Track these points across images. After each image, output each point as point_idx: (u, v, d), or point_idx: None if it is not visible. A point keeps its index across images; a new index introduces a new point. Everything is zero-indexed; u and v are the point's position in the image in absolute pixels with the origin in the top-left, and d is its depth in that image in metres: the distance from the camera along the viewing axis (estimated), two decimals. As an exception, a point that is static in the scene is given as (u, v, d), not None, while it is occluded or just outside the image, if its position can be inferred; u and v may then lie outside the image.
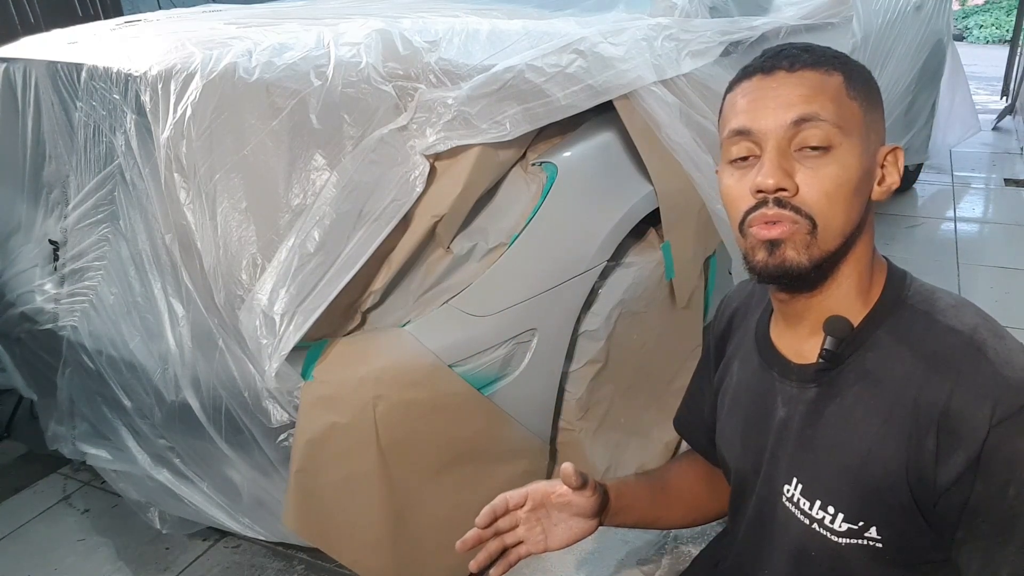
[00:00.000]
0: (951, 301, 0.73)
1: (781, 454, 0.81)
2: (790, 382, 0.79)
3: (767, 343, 0.83)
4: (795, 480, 0.79)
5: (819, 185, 0.69)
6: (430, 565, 1.44)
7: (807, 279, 0.72)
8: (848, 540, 0.74)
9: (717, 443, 0.95)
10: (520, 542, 0.83)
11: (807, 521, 0.77)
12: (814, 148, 0.69)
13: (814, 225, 0.69)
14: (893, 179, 0.74)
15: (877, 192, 0.73)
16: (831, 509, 0.75)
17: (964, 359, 0.67)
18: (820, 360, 0.74)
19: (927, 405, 0.67)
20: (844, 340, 0.73)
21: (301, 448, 1.25)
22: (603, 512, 0.88)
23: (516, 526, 0.83)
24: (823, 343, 0.73)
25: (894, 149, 0.74)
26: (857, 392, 0.73)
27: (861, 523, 0.73)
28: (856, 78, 0.72)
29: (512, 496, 0.82)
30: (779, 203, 0.69)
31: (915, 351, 0.70)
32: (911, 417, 0.68)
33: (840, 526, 0.74)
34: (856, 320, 0.74)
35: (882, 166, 0.74)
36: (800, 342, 0.79)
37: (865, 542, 0.73)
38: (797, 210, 0.69)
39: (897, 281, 0.76)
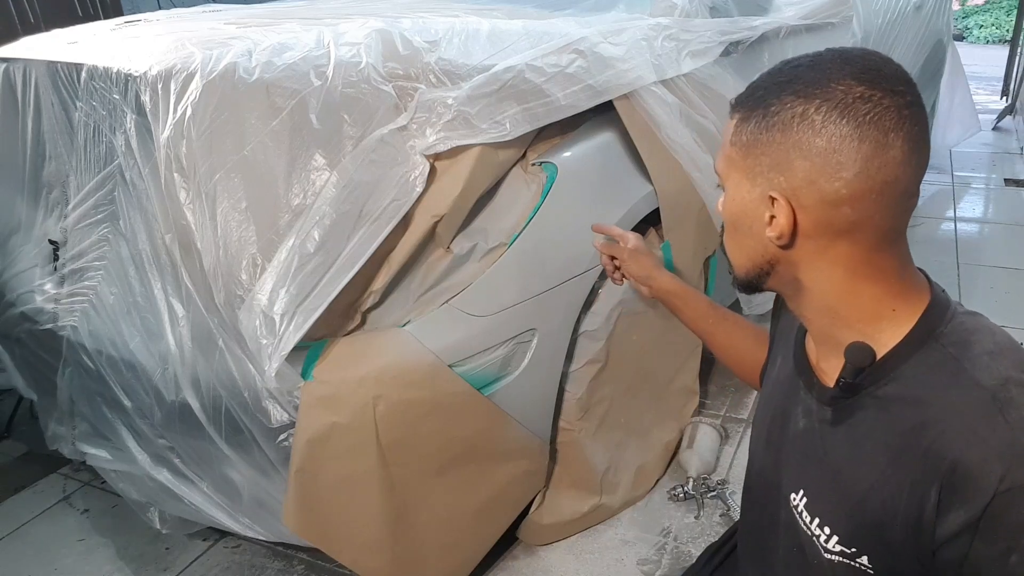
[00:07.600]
0: (989, 347, 0.68)
1: (794, 462, 0.81)
2: (812, 396, 0.79)
3: (801, 348, 0.84)
4: (802, 492, 0.79)
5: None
6: (429, 565, 1.44)
7: (749, 288, 0.77)
8: (840, 559, 0.75)
9: (752, 423, 0.96)
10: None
11: (808, 532, 0.78)
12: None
13: None
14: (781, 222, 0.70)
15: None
16: (827, 530, 0.75)
17: (982, 418, 0.64)
18: (837, 387, 0.73)
19: (936, 456, 0.65)
20: (863, 371, 0.71)
21: (301, 448, 1.25)
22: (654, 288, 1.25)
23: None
24: (842, 370, 0.72)
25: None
26: (870, 424, 0.72)
27: (854, 549, 0.73)
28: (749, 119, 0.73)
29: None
30: None
31: (935, 399, 0.67)
32: (919, 465, 0.66)
33: (834, 547, 0.75)
34: (881, 348, 0.71)
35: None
36: (822, 357, 0.79)
37: (857, 565, 0.74)
38: None
39: (936, 314, 0.71)
